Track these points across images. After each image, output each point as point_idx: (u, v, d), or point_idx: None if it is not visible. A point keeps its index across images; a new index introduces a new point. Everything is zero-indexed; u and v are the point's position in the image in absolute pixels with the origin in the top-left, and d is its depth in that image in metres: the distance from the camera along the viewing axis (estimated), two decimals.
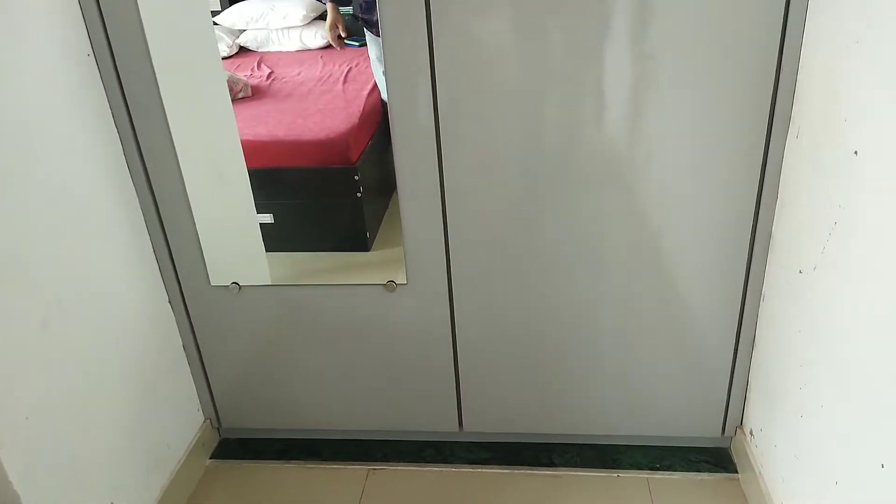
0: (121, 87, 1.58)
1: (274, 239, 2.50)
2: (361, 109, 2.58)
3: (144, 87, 1.58)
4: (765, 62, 1.36)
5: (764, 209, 1.55)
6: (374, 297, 1.84)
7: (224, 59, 3.47)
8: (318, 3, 3.74)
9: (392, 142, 1.59)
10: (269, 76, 3.14)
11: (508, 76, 1.43)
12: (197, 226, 1.81)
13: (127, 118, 1.64)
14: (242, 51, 3.70)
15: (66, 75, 1.44)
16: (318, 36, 3.58)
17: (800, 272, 1.45)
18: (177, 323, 1.98)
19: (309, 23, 3.60)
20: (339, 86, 2.96)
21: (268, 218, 2.59)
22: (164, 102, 1.62)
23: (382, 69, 2.04)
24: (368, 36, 2.00)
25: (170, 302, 1.94)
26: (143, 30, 1.48)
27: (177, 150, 1.68)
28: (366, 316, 1.89)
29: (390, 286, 1.82)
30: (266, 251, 2.26)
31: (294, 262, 2.59)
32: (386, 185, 2.02)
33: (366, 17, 1.95)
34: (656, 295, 1.73)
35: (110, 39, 1.48)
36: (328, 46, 3.61)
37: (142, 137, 1.66)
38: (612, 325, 1.78)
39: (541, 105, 1.45)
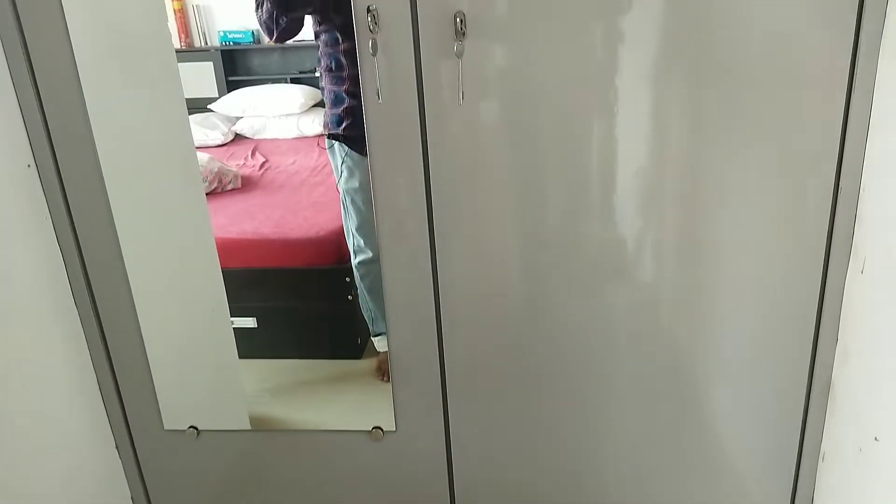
0: (63, 188, 1.37)
1: (256, 345, 2.22)
2: None
3: (88, 189, 1.37)
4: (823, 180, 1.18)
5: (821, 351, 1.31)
6: (357, 445, 1.58)
7: (218, 146, 3.35)
8: (316, 90, 3.66)
9: (380, 249, 1.36)
10: (262, 165, 2.99)
11: (505, 165, 1.24)
12: (149, 356, 1.58)
13: (67, 218, 1.41)
14: (238, 138, 3.59)
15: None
16: (316, 123, 3.47)
17: (876, 439, 1.18)
18: (124, 471, 1.73)
19: (306, 110, 3.49)
20: (333, 178, 2.81)
21: (250, 322, 2.38)
22: (110, 204, 1.39)
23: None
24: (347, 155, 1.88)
25: (117, 447, 1.69)
26: (89, 123, 1.28)
27: (125, 258, 1.44)
28: (346, 468, 1.63)
29: (376, 434, 1.56)
30: (247, 358, 2.02)
31: (278, 371, 2.36)
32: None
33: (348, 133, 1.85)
34: (689, 435, 1.47)
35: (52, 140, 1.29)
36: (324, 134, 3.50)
37: (84, 242, 1.42)
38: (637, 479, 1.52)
39: (543, 202, 1.26)
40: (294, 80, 3.72)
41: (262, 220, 2.37)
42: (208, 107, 3.61)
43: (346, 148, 1.84)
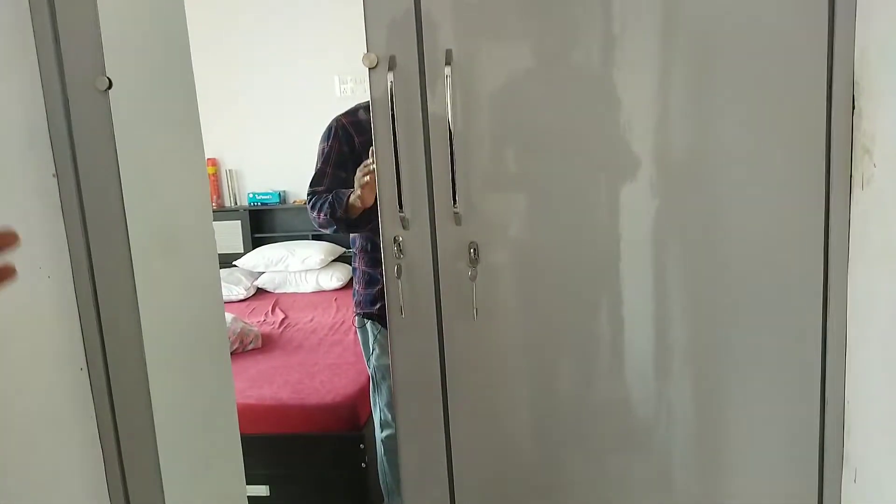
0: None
1: None
2: None
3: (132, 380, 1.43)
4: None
5: None
6: None
7: (239, 301, 3.50)
8: (336, 246, 3.87)
9: (396, 420, 1.40)
10: (282, 322, 3.10)
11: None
12: None
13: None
14: (259, 292, 3.75)
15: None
16: (334, 279, 3.64)
17: None
18: None
19: (326, 266, 3.68)
20: (351, 335, 2.90)
21: (263, 490, 2.37)
22: (148, 377, 1.44)
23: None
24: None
25: None
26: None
27: (155, 424, 1.46)
28: None
29: None
30: None
31: None
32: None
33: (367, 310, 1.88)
34: None
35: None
36: (343, 288, 3.65)
37: (119, 410, 1.45)
38: None
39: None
40: (315, 237, 3.95)
41: (280, 384, 2.42)
42: (234, 263, 3.81)
43: (380, 326, 1.87)
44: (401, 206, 1.16)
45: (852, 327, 1.10)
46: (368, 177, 1.56)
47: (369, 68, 1.12)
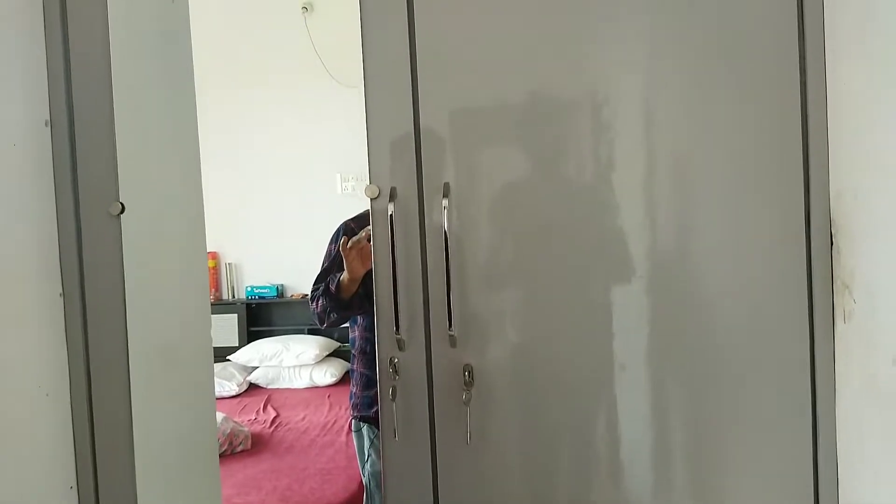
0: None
1: None
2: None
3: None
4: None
5: None
6: None
7: (231, 397, 3.46)
8: (331, 341, 3.86)
9: None
10: (273, 421, 3.06)
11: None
12: None
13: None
14: (252, 388, 3.71)
15: None
16: (328, 374, 3.62)
17: None
18: None
19: (320, 361, 3.66)
20: (343, 436, 2.85)
21: None
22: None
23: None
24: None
25: None
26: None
27: None
28: None
29: None
30: None
31: None
32: None
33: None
34: None
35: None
36: (337, 384, 3.62)
37: None
38: None
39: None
40: (311, 331, 3.95)
41: (268, 490, 2.36)
42: (228, 357, 3.79)
43: (376, 430, 1.79)
44: (397, 328, 1.18)
45: (843, 459, 1.11)
46: (355, 248, 1.62)
47: (371, 199, 1.18)
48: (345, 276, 1.69)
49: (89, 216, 1.21)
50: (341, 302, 1.74)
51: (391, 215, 1.16)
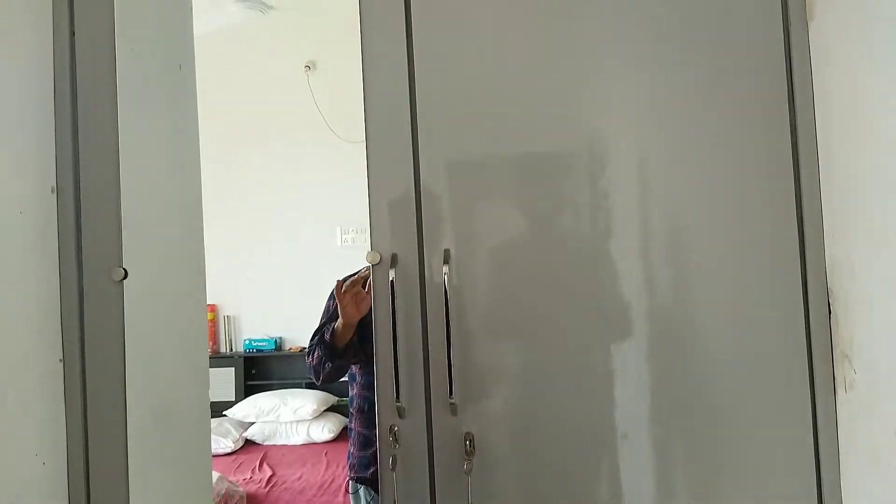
0: None
1: None
2: None
3: None
4: None
5: None
6: None
7: (227, 455, 3.40)
8: (329, 395, 3.82)
9: None
10: (269, 480, 3.00)
11: None
12: None
13: None
14: (248, 444, 3.65)
15: None
16: (325, 430, 3.56)
17: None
18: None
19: (318, 416, 3.61)
20: (340, 496, 2.80)
21: None
22: None
23: None
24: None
25: None
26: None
27: None
28: None
29: None
30: None
31: None
32: None
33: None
34: None
35: None
36: (334, 440, 3.56)
37: None
38: None
39: None
40: (309, 385, 3.91)
41: None
42: (224, 413, 3.75)
43: (373, 492, 1.79)
44: (398, 396, 1.18)
45: None
46: (350, 293, 1.64)
47: (373, 265, 1.19)
48: (339, 322, 1.70)
49: (92, 282, 1.22)
50: (336, 350, 1.74)
51: (392, 282, 1.17)
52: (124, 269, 1.21)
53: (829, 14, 1.07)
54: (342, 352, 1.75)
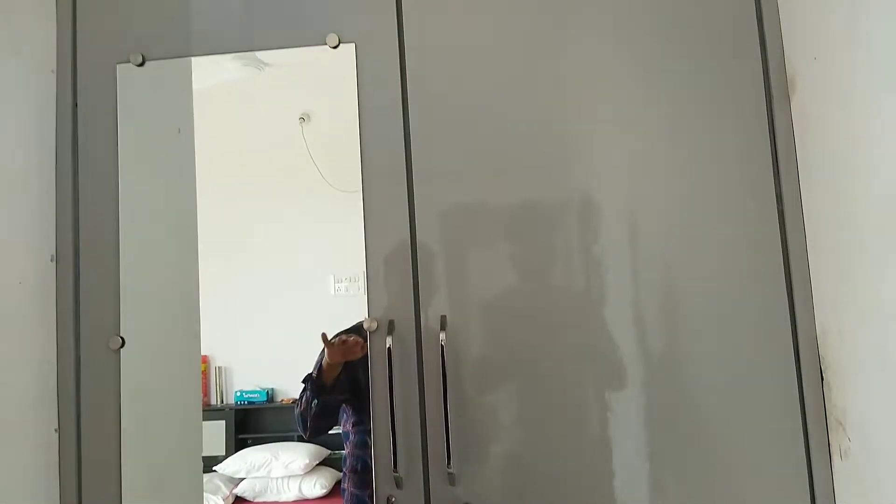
0: None
1: None
2: None
3: None
4: None
5: None
6: None
7: None
8: (322, 448, 3.76)
9: None
10: None
11: None
12: None
13: None
14: (238, 501, 3.57)
15: None
16: (318, 486, 3.49)
17: None
18: None
19: (310, 471, 3.54)
20: None
21: None
22: None
23: None
24: None
25: None
26: None
27: None
28: None
29: None
30: None
31: None
32: None
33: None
34: None
35: None
36: (327, 496, 3.49)
37: None
38: None
39: None
40: (301, 437, 3.83)
41: None
42: (214, 468, 3.67)
43: None
44: (395, 466, 1.17)
45: None
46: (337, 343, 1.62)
47: (370, 332, 1.20)
48: (325, 360, 1.70)
49: (89, 351, 1.22)
50: (323, 387, 1.73)
51: (389, 349, 1.18)
52: (122, 338, 1.22)
53: (808, 88, 1.11)
54: (330, 388, 1.75)
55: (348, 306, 2.02)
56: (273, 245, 4.38)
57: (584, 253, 1.22)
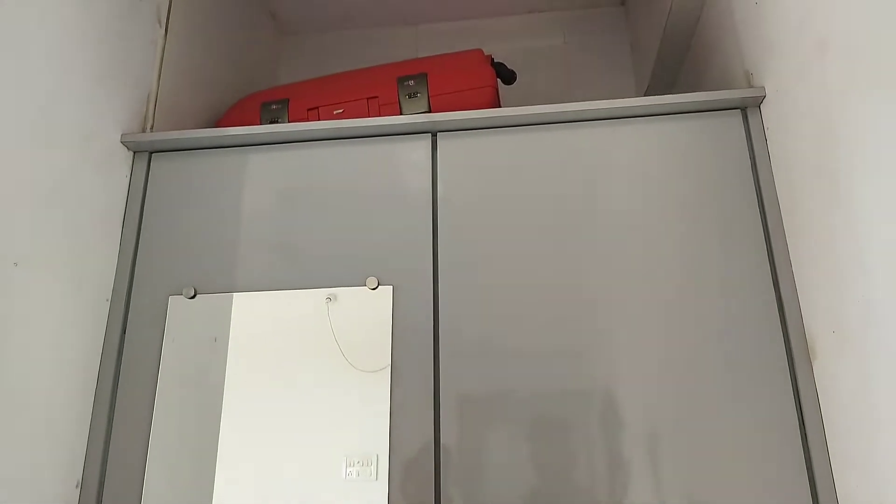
0: None
1: None
2: None
3: None
4: None
5: None
6: None
7: None
8: None
9: None
10: None
11: None
12: None
13: None
14: None
15: None
16: None
17: None
18: None
19: None
20: None
21: None
22: None
23: None
24: None
25: None
26: None
27: None
28: None
29: None
30: None
31: None
32: None
33: None
34: None
35: None
36: None
37: None
38: None
39: None
40: None
41: None
42: None
43: None
44: None
45: None
46: None
47: None
48: None
49: None
50: None
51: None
52: None
53: (829, 355, 1.13)
54: None
55: (360, 490, 1.94)
56: (289, 427, 4.28)
57: (606, 456, 1.19)
